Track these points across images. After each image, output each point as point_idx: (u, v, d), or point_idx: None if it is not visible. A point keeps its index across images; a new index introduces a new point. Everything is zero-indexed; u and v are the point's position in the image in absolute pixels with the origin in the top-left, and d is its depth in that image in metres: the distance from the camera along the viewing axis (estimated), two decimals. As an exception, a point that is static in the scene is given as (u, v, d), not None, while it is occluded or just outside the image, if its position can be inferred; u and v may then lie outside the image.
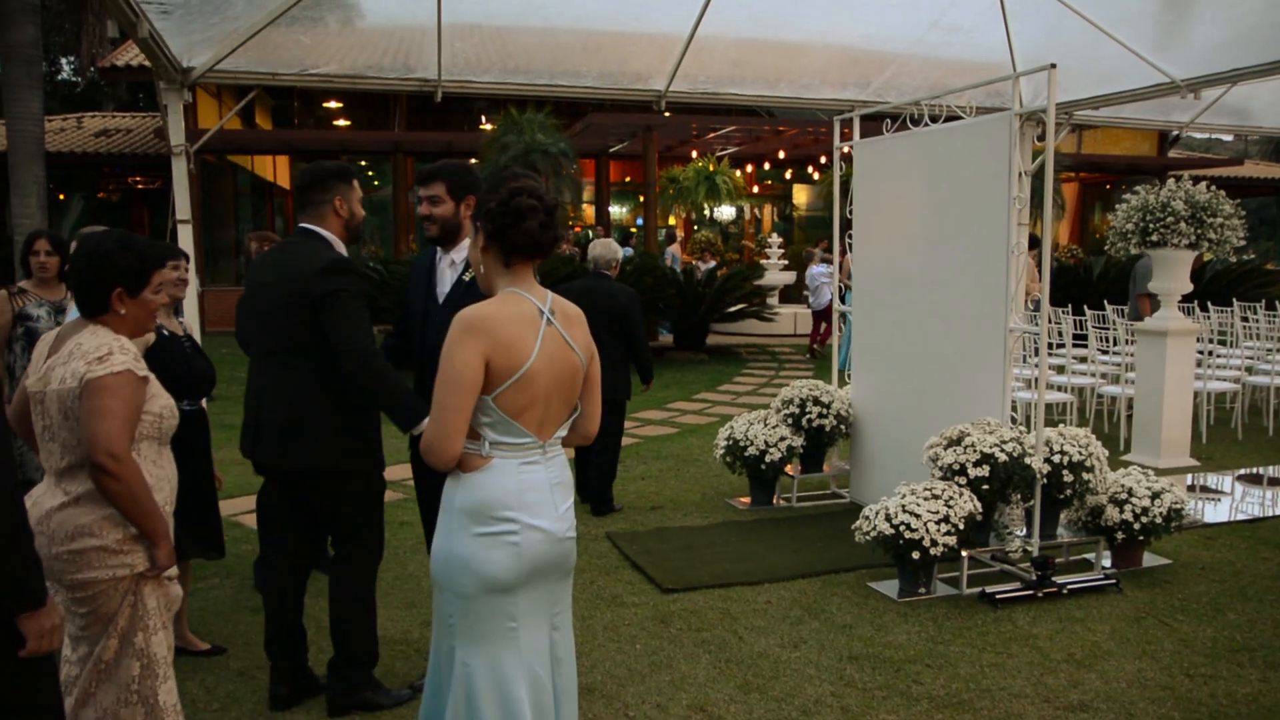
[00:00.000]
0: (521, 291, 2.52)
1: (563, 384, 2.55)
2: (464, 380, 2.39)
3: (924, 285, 5.81)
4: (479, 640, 2.52)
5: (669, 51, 8.14)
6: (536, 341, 2.48)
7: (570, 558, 2.65)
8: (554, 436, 2.59)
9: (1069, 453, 5.01)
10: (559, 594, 2.65)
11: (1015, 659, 4.14)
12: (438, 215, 3.73)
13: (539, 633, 2.59)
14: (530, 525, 2.50)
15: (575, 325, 2.60)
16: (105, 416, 2.44)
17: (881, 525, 4.73)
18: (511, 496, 2.49)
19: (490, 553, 2.48)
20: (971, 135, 5.40)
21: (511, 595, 2.51)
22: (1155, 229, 7.37)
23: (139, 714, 2.62)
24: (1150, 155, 24.07)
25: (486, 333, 2.41)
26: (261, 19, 6.56)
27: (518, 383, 2.45)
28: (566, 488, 2.63)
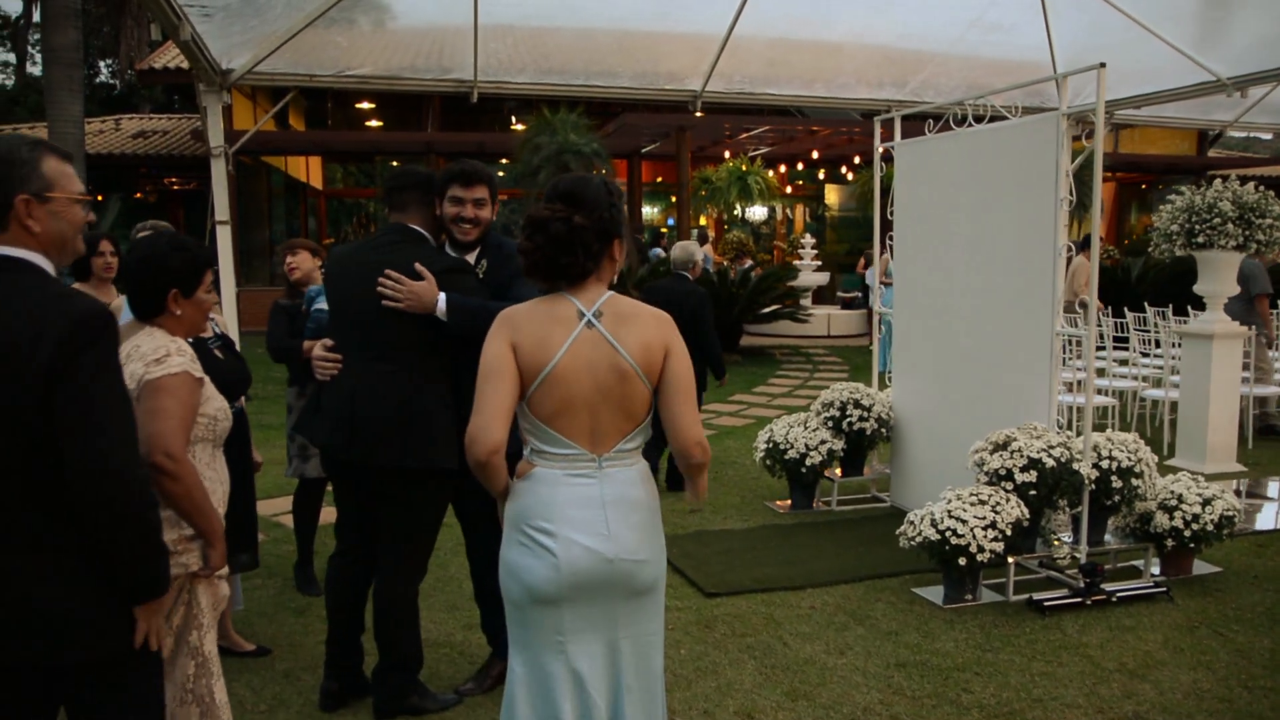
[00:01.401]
0: (567, 294, 2.46)
1: (609, 391, 2.41)
2: (494, 368, 2.38)
3: (967, 287, 5.74)
4: (526, 647, 2.49)
5: (705, 51, 8.10)
6: (566, 341, 2.39)
7: (634, 579, 2.46)
8: (615, 449, 2.45)
9: (1118, 458, 4.92)
10: (623, 616, 2.49)
11: (1066, 668, 4.07)
12: (483, 219, 3.61)
13: (592, 651, 2.48)
14: (570, 539, 2.40)
15: (632, 326, 2.44)
16: (163, 417, 2.44)
17: (927, 531, 4.66)
18: (550, 508, 2.42)
19: (529, 561, 2.43)
20: (1017, 135, 5.32)
21: (556, 608, 2.43)
22: (1202, 230, 7.25)
23: (194, 713, 2.63)
24: (1189, 154, 23.74)
25: (512, 326, 2.42)
26: (300, 20, 6.58)
27: (546, 383, 2.38)
28: (629, 507, 2.46)
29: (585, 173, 15.16)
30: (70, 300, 2.03)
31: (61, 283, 2.11)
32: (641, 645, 2.54)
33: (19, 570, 2.01)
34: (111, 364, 2.05)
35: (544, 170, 15.05)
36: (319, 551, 5.28)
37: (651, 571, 2.50)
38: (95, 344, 2.00)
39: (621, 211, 2.54)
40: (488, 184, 3.61)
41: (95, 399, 1.98)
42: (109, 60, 33.80)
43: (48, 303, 2.01)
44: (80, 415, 1.96)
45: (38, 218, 2.07)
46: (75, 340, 1.97)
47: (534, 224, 2.43)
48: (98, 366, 2.00)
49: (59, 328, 1.96)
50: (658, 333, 2.47)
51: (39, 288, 2.04)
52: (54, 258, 2.13)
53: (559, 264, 2.42)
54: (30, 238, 2.08)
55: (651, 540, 2.51)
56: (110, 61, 33.80)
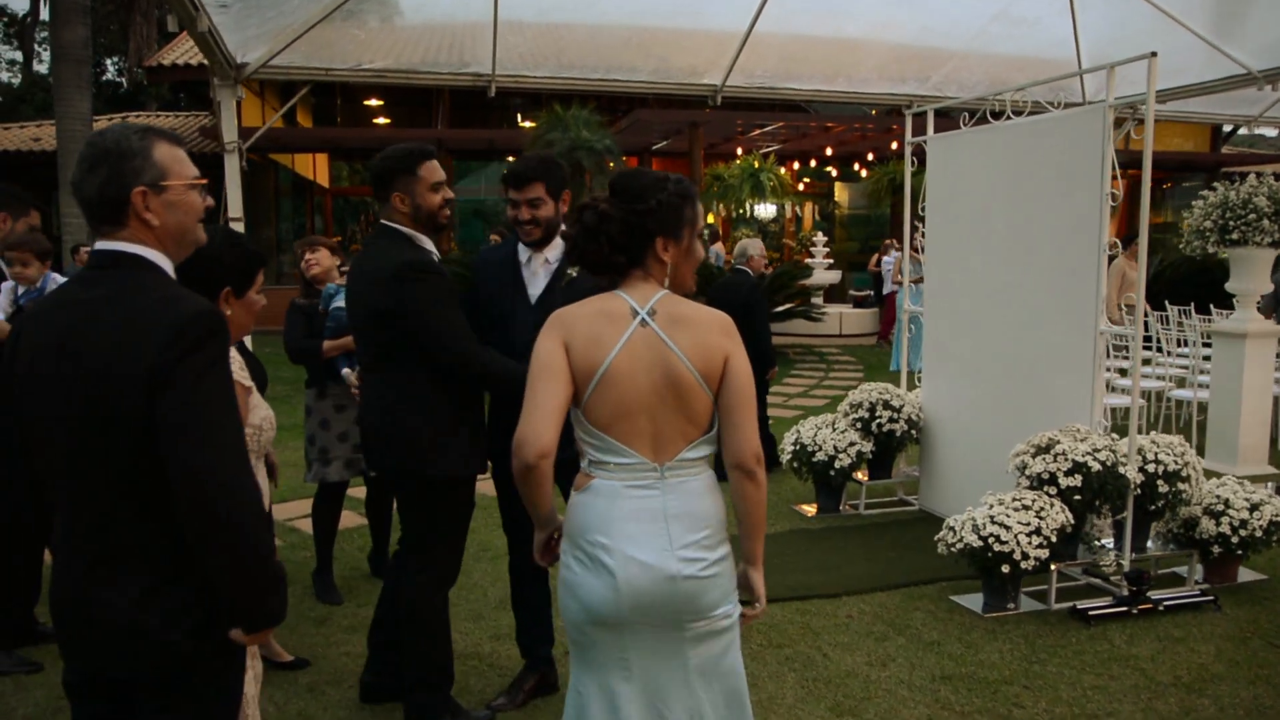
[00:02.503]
0: (621, 292, 2.33)
1: (667, 394, 2.24)
2: (545, 367, 2.23)
3: (1003, 284, 5.59)
4: (589, 667, 2.35)
5: (725, 46, 7.97)
6: (620, 340, 2.25)
7: (699, 599, 2.27)
8: (679, 458, 2.28)
9: (1164, 462, 4.77)
10: (691, 637, 2.30)
11: (1118, 681, 3.92)
12: (542, 218, 3.45)
13: (660, 670, 2.31)
14: (629, 557, 2.23)
15: (690, 329, 2.28)
16: None
17: (969, 537, 4.52)
18: (609, 523, 2.26)
19: (588, 580, 2.28)
20: (1059, 128, 5.17)
21: (617, 630, 2.28)
22: (1236, 226, 7.09)
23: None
24: (1202, 151, 23.53)
25: (564, 325, 2.28)
26: (317, 13, 6.46)
27: (601, 385, 2.24)
28: (694, 521, 2.27)
29: (599, 171, 15.03)
30: (178, 302, 1.89)
31: (174, 282, 1.98)
32: (716, 668, 2.35)
33: (117, 584, 1.88)
34: (219, 370, 1.90)
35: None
36: (338, 558, 5.15)
37: (720, 593, 2.32)
38: (201, 348, 1.85)
39: (679, 211, 2.34)
40: (543, 179, 3.45)
41: (200, 407, 1.83)
42: (116, 58, 33.71)
43: (156, 305, 1.87)
44: (183, 425, 1.81)
45: (155, 210, 1.94)
46: (179, 344, 1.82)
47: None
48: (203, 372, 1.85)
49: (162, 331, 1.82)
50: (718, 338, 2.30)
51: (152, 288, 1.91)
52: (174, 251, 2.00)
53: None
54: (149, 232, 1.95)
55: (718, 556, 2.32)
56: (118, 59, 33.72)
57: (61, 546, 1.96)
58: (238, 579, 1.87)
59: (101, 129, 1.99)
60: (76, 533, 1.92)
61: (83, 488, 1.89)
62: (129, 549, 1.89)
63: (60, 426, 1.88)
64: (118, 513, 1.88)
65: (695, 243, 2.39)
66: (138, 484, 1.86)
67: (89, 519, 1.90)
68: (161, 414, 1.80)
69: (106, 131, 1.95)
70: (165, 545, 1.89)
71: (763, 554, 2.41)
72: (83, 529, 1.91)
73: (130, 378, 1.81)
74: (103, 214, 1.93)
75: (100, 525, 1.89)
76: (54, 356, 1.87)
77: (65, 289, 1.98)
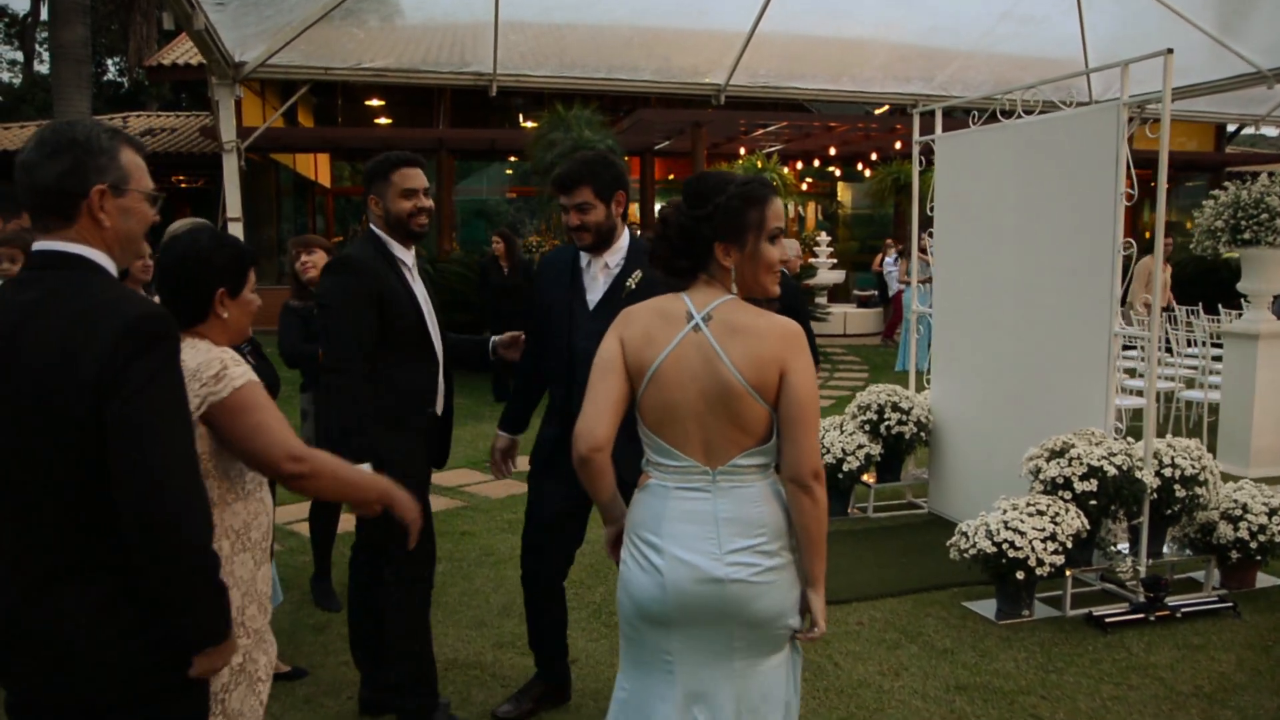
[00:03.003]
0: (684, 294, 2.30)
1: (715, 401, 2.21)
2: (604, 362, 2.29)
3: (1015, 285, 5.49)
4: (635, 666, 2.36)
5: (728, 46, 7.89)
6: (671, 342, 2.24)
7: (749, 606, 2.22)
8: (731, 464, 2.23)
9: (1181, 465, 4.67)
10: (740, 646, 2.26)
11: (1138, 691, 3.82)
12: (591, 223, 3.24)
13: (704, 677, 2.27)
14: (676, 557, 2.23)
15: (744, 339, 2.21)
16: (263, 431, 2.14)
17: (982, 543, 4.42)
18: (660, 522, 2.27)
19: (639, 577, 2.30)
20: (1071, 127, 5.07)
21: (665, 629, 2.28)
22: (1248, 226, 7.00)
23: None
24: (1206, 150, 23.42)
25: (624, 322, 2.34)
26: (315, 11, 6.37)
27: (651, 386, 2.25)
28: (745, 526, 2.22)
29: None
30: (125, 302, 1.79)
31: (121, 284, 1.88)
32: (763, 682, 2.29)
33: (61, 601, 1.78)
34: (170, 374, 1.80)
35: (559, 167, 14.80)
36: (337, 563, 5.05)
37: (772, 602, 2.24)
38: (150, 350, 1.75)
39: (740, 215, 2.26)
40: (590, 182, 3.24)
41: (149, 412, 1.74)
42: (116, 58, 33.65)
43: (102, 306, 1.77)
44: (132, 431, 1.72)
45: (109, 212, 1.86)
46: (126, 346, 1.73)
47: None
48: (152, 376, 1.75)
49: (109, 333, 1.73)
50: (775, 349, 2.20)
51: (97, 289, 1.81)
52: (117, 257, 1.91)
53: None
54: (97, 233, 1.86)
55: (774, 565, 2.25)
56: (118, 59, 33.66)
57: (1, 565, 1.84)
58: (182, 590, 1.80)
59: (70, 120, 1.91)
60: (18, 547, 1.81)
61: (23, 499, 1.78)
62: (77, 563, 1.79)
63: (4, 442, 1.77)
64: (63, 525, 1.78)
65: (764, 246, 2.28)
66: (85, 494, 1.76)
67: (32, 532, 1.79)
68: (109, 419, 1.72)
69: (75, 123, 1.88)
70: (116, 559, 1.78)
71: (824, 576, 2.31)
72: (25, 543, 1.80)
73: (77, 382, 1.72)
74: (53, 206, 1.84)
75: (45, 539, 1.78)
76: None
77: (5, 292, 1.87)
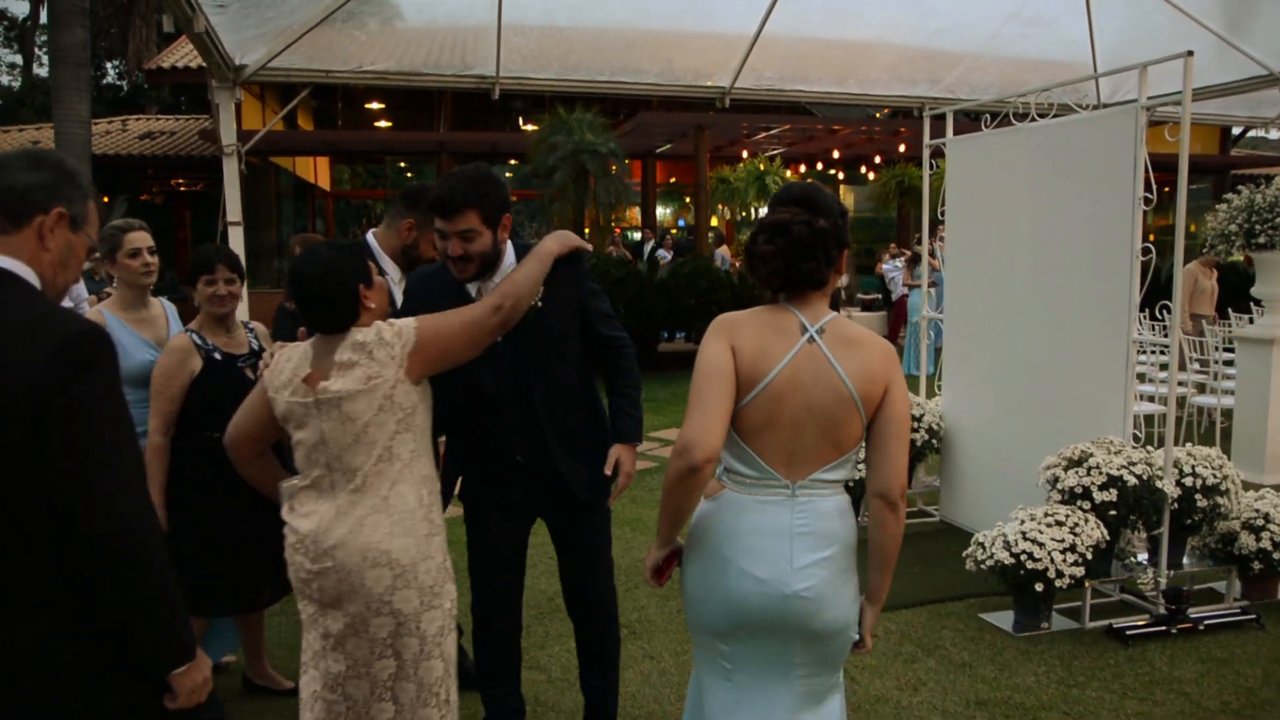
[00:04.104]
0: (791, 306, 2.29)
1: (819, 414, 2.22)
2: (716, 368, 2.21)
3: (1029, 291, 5.40)
4: (704, 664, 2.43)
5: (733, 48, 7.82)
6: (787, 354, 2.22)
7: (812, 620, 2.23)
8: (811, 478, 2.24)
9: (1202, 475, 4.58)
10: (800, 658, 2.28)
11: (1163, 707, 3.73)
12: (476, 253, 2.80)
13: (762, 684, 2.30)
14: (744, 571, 2.22)
15: (856, 351, 2.25)
16: (460, 323, 2.57)
17: (1000, 554, 4.33)
18: (733, 536, 2.26)
19: (704, 589, 2.31)
20: (1088, 130, 4.98)
21: (724, 640, 2.31)
22: (1263, 230, 6.91)
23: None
24: (1210, 153, 23.33)
25: (731, 330, 2.25)
26: (317, 14, 6.30)
27: (760, 396, 2.21)
28: (819, 540, 2.24)
29: (603, 174, 14.84)
30: (58, 319, 1.73)
31: (48, 301, 1.81)
32: (819, 695, 2.32)
33: (12, 632, 1.70)
34: (112, 391, 1.75)
35: (560, 170, 14.73)
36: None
37: (837, 615, 2.27)
38: (91, 368, 1.70)
39: (847, 230, 2.33)
40: (478, 205, 2.77)
41: (94, 433, 1.69)
42: (116, 61, 33.55)
43: (32, 323, 1.71)
44: (78, 453, 1.67)
45: (57, 239, 1.85)
46: (66, 366, 1.67)
47: (775, 227, 2.26)
48: (95, 395, 1.70)
49: (46, 351, 1.67)
50: (882, 365, 2.25)
51: (25, 306, 1.75)
52: (46, 283, 1.85)
53: (800, 270, 2.25)
54: (36, 253, 1.81)
55: (840, 580, 2.27)
56: (117, 63, 33.56)
57: None
58: (150, 611, 1.77)
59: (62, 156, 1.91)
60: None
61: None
62: (18, 591, 1.71)
63: None
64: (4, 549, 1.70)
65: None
66: (22, 520, 1.69)
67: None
68: (51, 443, 1.66)
69: (67, 158, 1.90)
70: (58, 585, 1.73)
71: (886, 592, 2.36)
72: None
73: (11, 403, 1.65)
74: (7, 208, 1.80)
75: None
76: None
77: None
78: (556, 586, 3.46)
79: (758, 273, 2.31)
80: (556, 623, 4.41)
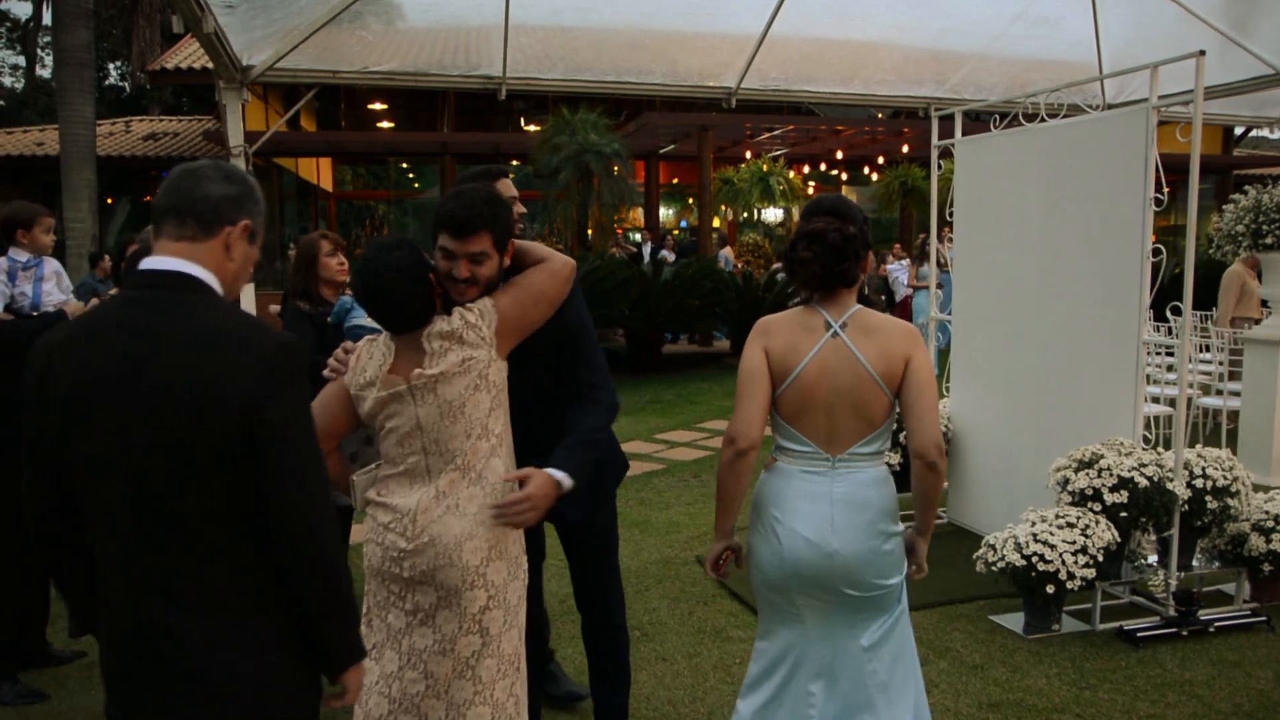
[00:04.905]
0: (818, 306, 2.67)
1: (846, 395, 2.59)
2: (753, 370, 2.63)
3: (1038, 292, 5.39)
4: (769, 623, 2.78)
5: (740, 48, 7.80)
6: (813, 349, 2.60)
7: (857, 577, 2.60)
8: (849, 452, 2.62)
9: (1212, 476, 4.58)
10: (860, 619, 2.66)
11: (1176, 710, 3.72)
12: (484, 277, 2.61)
13: (837, 642, 2.67)
14: (794, 530, 2.62)
15: (874, 338, 2.60)
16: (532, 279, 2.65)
17: (1011, 556, 4.33)
18: (783, 500, 2.66)
19: (764, 548, 2.70)
20: (1098, 131, 4.98)
21: (788, 594, 2.68)
22: (1270, 231, 6.90)
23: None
24: (1213, 153, 23.33)
25: (766, 333, 2.67)
26: (324, 14, 6.29)
27: (793, 386, 2.61)
28: (858, 508, 2.60)
29: (606, 174, 14.84)
30: (258, 330, 1.78)
31: (240, 309, 1.86)
32: (885, 636, 2.67)
33: (201, 633, 1.76)
34: (306, 403, 1.83)
35: (564, 171, 14.74)
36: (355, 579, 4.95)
37: (877, 570, 2.61)
38: (292, 382, 1.78)
39: (870, 226, 2.74)
40: (491, 228, 2.58)
41: (300, 444, 1.77)
42: (119, 62, 33.58)
43: (232, 333, 1.76)
44: (287, 465, 1.74)
45: (240, 251, 1.91)
46: (278, 376, 1.75)
47: (812, 235, 2.61)
48: (294, 409, 1.78)
49: (255, 363, 1.73)
50: (900, 344, 2.60)
51: (223, 314, 1.80)
52: (226, 291, 1.90)
53: (835, 271, 2.61)
54: (222, 262, 1.87)
55: (877, 541, 2.61)
56: (120, 64, 33.59)
57: (120, 588, 1.81)
58: (338, 616, 1.86)
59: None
60: (143, 574, 1.78)
61: (152, 524, 1.76)
62: (210, 594, 1.77)
63: (127, 460, 1.74)
64: (190, 549, 1.76)
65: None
66: (214, 518, 1.75)
67: (159, 558, 1.76)
68: (260, 459, 1.73)
69: (235, 167, 1.94)
70: (242, 583, 1.79)
71: (932, 526, 2.75)
72: (154, 570, 1.77)
73: (214, 416, 1.71)
74: (201, 215, 1.85)
75: (174, 564, 1.76)
76: (115, 386, 1.73)
77: (112, 312, 1.83)
78: (569, 589, 3.45)
79: (799, 276, 2.65)
80: (569, 624, 4.40)
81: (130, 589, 1.79)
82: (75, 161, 13.44)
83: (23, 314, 4.27)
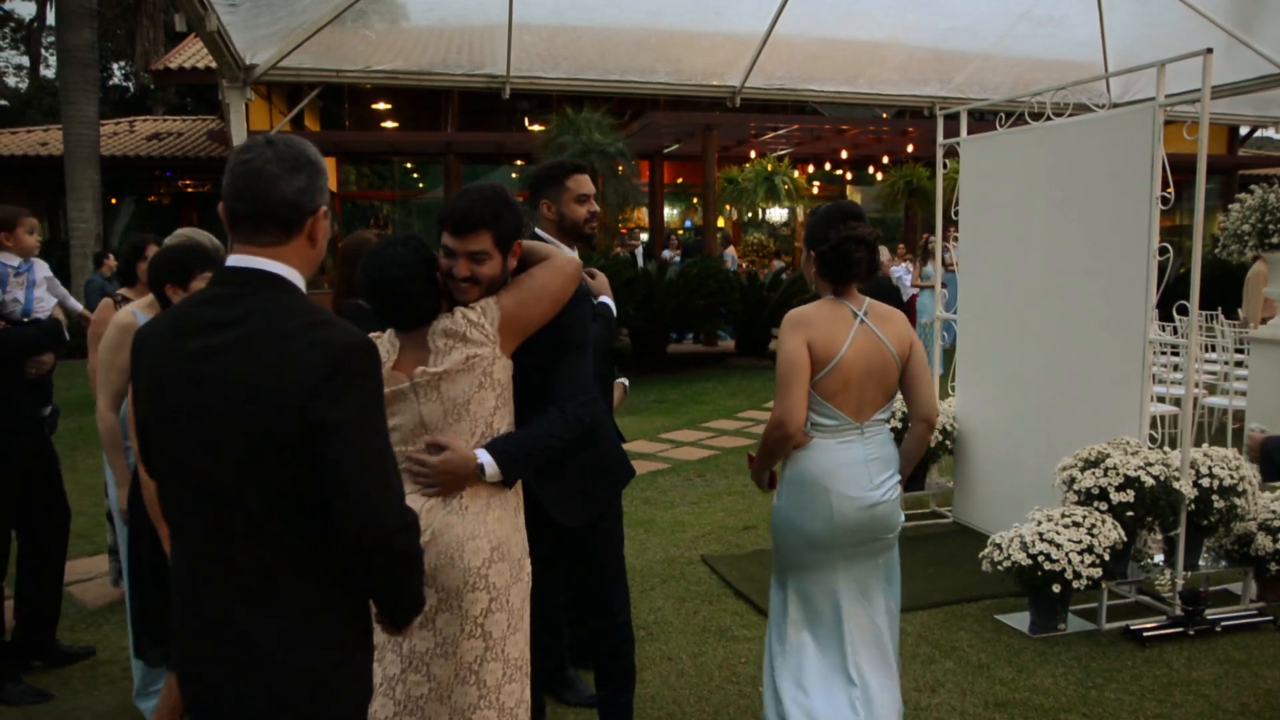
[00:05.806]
0: (841, 299, 3.07)
1: (874, 372, 3.02)
2: (795, 361, 2.95)
3: (1044, 291, 5.38)
4: (794, 579, 3.16)
5: (744, 47, 7.79)
6: (848, 337, 2.99)
7: (890, 519, 3.11)
8: (873, 419, 3.07)
9: (1219, 475, 4.56)
10: (881, 548, 3.16)
11: (1183, 709, 3.71)
12: (485, 277, 2.56)
13: (867, 574, 3.17)
14: (843, 495, 3.01)
15: (888, 323, 3.08)
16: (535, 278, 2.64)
17: (1017, 555, 4.31)
18: (829, 471, 3.02)
19: (808, 515, 3.05)
20: (1105, 130, 4.97)
21: (828, 551, 3.07)
22: (1276, 230, 6.87)
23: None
24: (1218, 153, 23.25)
25: (808, 325, 3.00)
26: (327, 13, 6.29)
27: (833, 370, 2.97)
28: (883, 462, 3.08)
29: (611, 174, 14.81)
30: (329, 328, 1.76)
31: (317, 306, 1.84)
32: (891, 562, 3.25)
33: (274, 630, 1.77)
34: (377, 401, 1.81)
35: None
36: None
37: (898, 511, 3.18)
38: (363, 380, 1.76)
39: None
40: (493, 227, 2.54)
41: (363, 445, 1.75)
42: (122, 62, 33.63)
43: (303, 331, 1.75)
44: (347, 466, 1.72)
45: (321, 232, 1.88)
46: (340, 378, 1.72)
47: (858, 239, 3.01)
48: (364, 407, 1.76)
49: (320, 363, 1.72)
50: (905, 329, 3.13)
51: (300, 313, 1.79)
52: (307, 276, 1.90)
53: (870, 266, 3.06)
54: (307, 253, 1.86)
55: (897, 489, 3.14)
56: (124, 63, 33.63)
57: (189, 582, 1.83)
58: (407, 591, 1.90)
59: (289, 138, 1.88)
60: (210, 568, 1.79)
61: (218, 517, 1.77)
62: (280, 591, 1.78)
63: (200, 460, 1.76)
64: (255, 543, 1.76)
65: None
66: (278, 514, 1.76)
67: (225, 551, 1.77)
68: (322, 454, 1.71)
69: (302, 141, 1.86)
70: (304, 579, 1.80)
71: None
72: (221, 563, 1.78)
73: (281, 413, 1.70)
74: (283, 219, 1.81)
75: (239, 558, 1.77)
76: (188, 379, 1.75)
77: (191, 309, 1.83)
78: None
79: (841, 275, 3.04)
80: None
81: (198, 583, 1.81)
82: (79, 161, 13.47)
83: (15, 320, 4.26)
